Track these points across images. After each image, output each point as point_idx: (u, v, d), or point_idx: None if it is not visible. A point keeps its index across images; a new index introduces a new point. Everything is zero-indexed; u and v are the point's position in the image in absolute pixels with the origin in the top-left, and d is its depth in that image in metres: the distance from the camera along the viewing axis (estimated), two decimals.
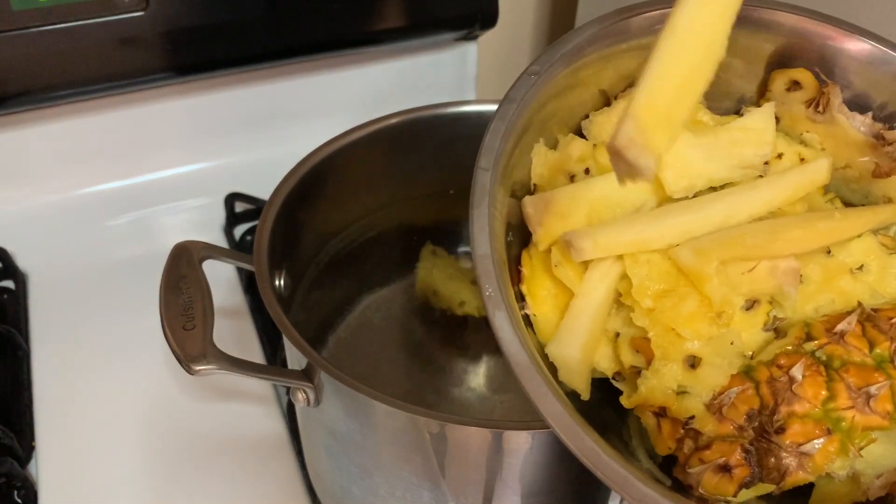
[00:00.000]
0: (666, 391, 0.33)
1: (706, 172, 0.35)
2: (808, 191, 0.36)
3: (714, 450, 0.31)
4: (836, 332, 0.32)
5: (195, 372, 0.41)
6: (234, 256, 0.52)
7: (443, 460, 0.42)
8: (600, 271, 0.34)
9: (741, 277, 0.33)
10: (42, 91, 0.71)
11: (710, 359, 0.33)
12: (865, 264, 0.35)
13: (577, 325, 0.34)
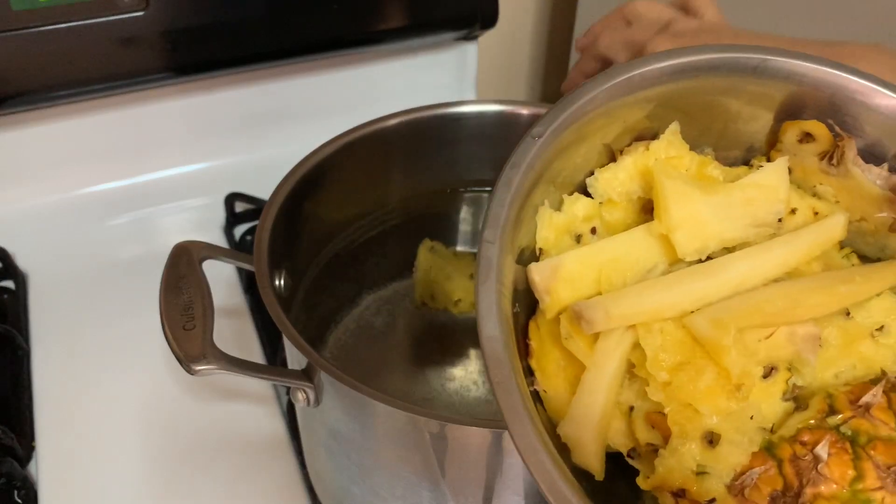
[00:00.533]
0: (685, 472, 0.31)
1: (718, 233, 0.34)
2: (824, 248, 0.35)
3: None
4: (860, 404, 0.31)
5: (195, 372, 0.41)
6: (234, 256, 0.52)
7: (443, 460, 0.42)
8: (612, 342, 0.32)
9: (758, 345, 0.32)
10: (42, 91, 0.71)
11: (729, 435, 0.31)
12: (886, 325, 0.33)
13: (589, 402, 0.32)
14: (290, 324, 0.44)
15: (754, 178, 0.35)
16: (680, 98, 0.36)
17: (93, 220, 0.78)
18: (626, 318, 0.32)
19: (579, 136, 0.35)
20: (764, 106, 0.37)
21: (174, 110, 0.79)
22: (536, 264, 0.34)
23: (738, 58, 0.35)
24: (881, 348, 0.33)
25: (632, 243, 0.34)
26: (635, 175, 0.36)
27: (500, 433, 0.40)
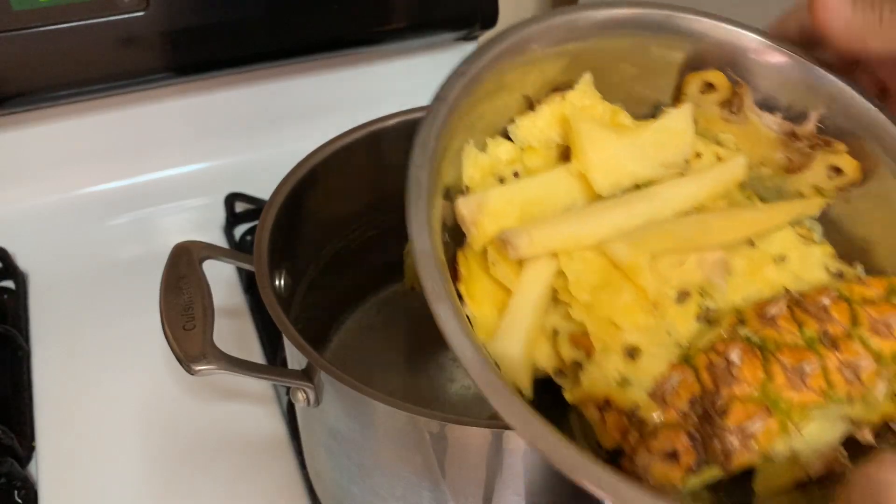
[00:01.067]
0: (608, 383, 0.33)
1: (631, 172, 0.37)
2: (728, 185, 0.38)
3: (660, 438, 0.31)
4: (767, 316, 0.33)
5: (195, 372, 0.41)
6: (235, 256, 0.52)
7: (443, 460, 0.42)
8: (536, 269, 0.35)
9: (672, 271, 0.35)
10: (43, 91, 0.71)
11: (648, 348, 0.34)
12: (786, 255, 0.37)
13: (516, 322, 0.34)
14: (290, 324, 0.44)
15: (663, 123, 0.39)
16: (592, 54, 0.39)
17: (93, 219, 0.78)
18: (549, 245, 0.34)
19: (500, 85, 0.37)
20: (667, 65, 0.40)
21: (174, 110, 0.79)
22: (464, 198, 0.36)
23: (645, 14, 0.38)
24: (784, 272, 0.36)
25: (553, 182, 0.37)
26: (553, 123, 0.39)
27: (500, 433, 0.40)
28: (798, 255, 0.37)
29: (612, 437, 0.33)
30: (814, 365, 0.32)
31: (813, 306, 0.33)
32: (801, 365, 0.31)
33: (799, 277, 0.37)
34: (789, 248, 0.37)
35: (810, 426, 0.32)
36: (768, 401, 0.31)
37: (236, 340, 0.68)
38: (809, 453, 0.32)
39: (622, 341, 0.34)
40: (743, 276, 0.36)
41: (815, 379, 0.32)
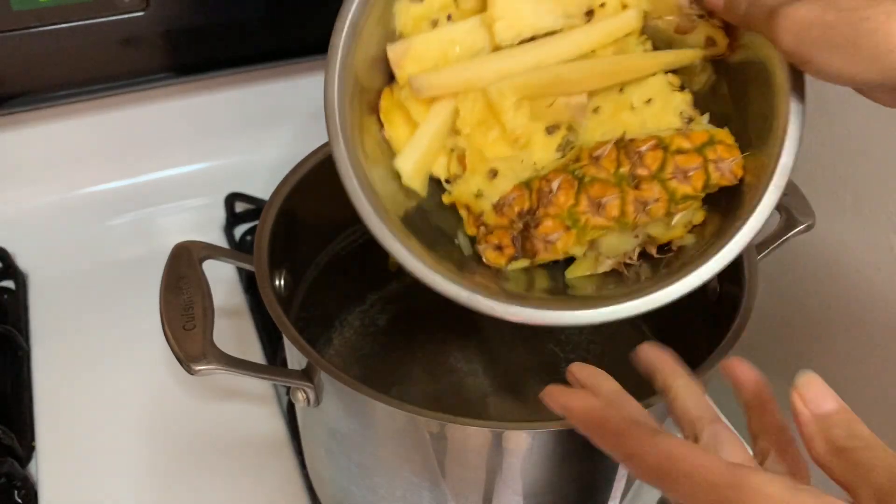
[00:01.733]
0: (470, 194, 0.45)
1: (533, 23, 0.43)
2: (617, 36, 0.43)
3: (494, 235, 0.44)
4: (595, 156, 0.42)
5: (195, 372, 0.41)
6: (235, 256, 0.52)
7: (443, 460, 0.42)
8: (441, 105, 0.44)
9: (545, 109, 0.43)
10: (42, 91, 0.71)
11: (504, 172, 0.44)
12: (653, 98, 0.44)
13: (417, 142, 0.45)
14: (290, 324, 0.44)
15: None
16: None
17: (93, 220, 0.78)
18: (445, 87, 0.43)
19: None
20: None
21: (174, 110, 0.79)
22: (392, 44, 0.44)
23: None
24: (636, 117, 0.44)
25: (468, 30, 0.44)
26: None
27: (500, 433, 0.41)
28: (662, 100, 0.44)
29: (471, 229, 0.45)
30: (613, 197, 0.41)
31: (633, 151, 0.41)
32: (603, 197, 0.41)
33: (656, 118, 0.44)
34: (657, 94, 0.44)
35: (607, 239, 0.43)
36: (570, 220, 0.42)
37: (236, 340, 0.68)
38: (608, 255, 0.44)
39: (487, 165, 0.44)
40: (606, 115, 0.44)
41: (611, 209, 0.41)
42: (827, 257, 0.69)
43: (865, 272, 0.66)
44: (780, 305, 0.75)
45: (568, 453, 0.43)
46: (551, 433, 0.41)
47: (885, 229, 0.63)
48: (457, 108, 0.44)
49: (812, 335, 0.73)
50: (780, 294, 0.75)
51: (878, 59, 0.32)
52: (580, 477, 0.45)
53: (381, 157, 0.45)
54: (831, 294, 0.70)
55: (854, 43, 0.32)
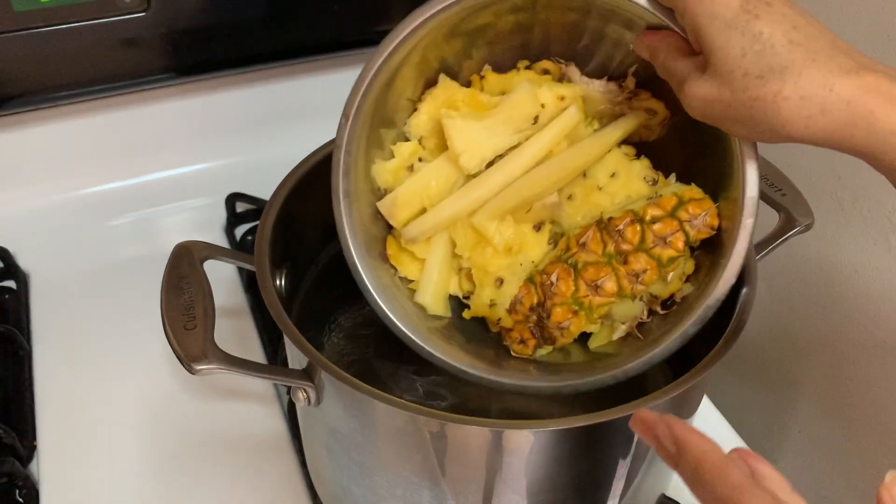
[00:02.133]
0: (484, 306, 0.50)
1: (492, 146, 0.49)
2: (565, 132, 0.49)
3: (515, 331, 0.49)
4: (581, 242, 0.47)
5: (196, 371, 0.41)
6: (235, 256, 0.52)
7: (443, 459, 0.42)
8: (438, 239, 0.50)
9: (526, 215, 0.49)
10: (44, 92, 0.71)
11: (508, 278, 0.49)
12: (616, 172, 0.49)
13: (428, 276, 0.50)
14: (291, 323, 0.44)
15: (510, 100, 0.49)
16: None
17: (94, 220, 0.78)
18: (433, 229, 0.49)
19: (386, 105, 0.49)
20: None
21: (175, 111, 0.79)
22: (381, 201, 0.50)
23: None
24: (605, 196, 0.49)
25: (439, 169, 0.50)
26: (431, 118, 0.50)
27: (499, 432, 0.41)
28: (624, 171, 0.49)
29: (494, 328, 0.51)
30: (607, 277, 0.46)
31: (614, 230, 0.46)
32: (598, 279, 0.46)
33: (625, 187, 0.49)
34: (618, 167, 0.49)
35: (616, 308, 0.47)
36: (576, 305, 0.47)
37: (237, 340, 0.68)
38: (621, 321, 0.48)
39: (493, 276, 0.49)
40: (580, 200, 0.49)
41: (608, 287, 0.46)
42: (825, 257, 0.69)
43: (864, 272, 0.66)
44: (779, 304, 0.76)
45: (568, 452, 0.43)
46: (551, 433, 0.41)
47: (883, 229, 0.63)
48: (452, 238, 0.50)
49: (810, 334, 0.73)
50: (778, 293, 0.75)
51: (776, 131, 0.35)
52: (580, 476, 0.45)
53: (404, 291, 0.51)
54: (830, 293, 0.70)
55: (751, 118, 0.35)
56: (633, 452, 0.44)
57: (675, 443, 0.32)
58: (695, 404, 0.50)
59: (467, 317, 0.51)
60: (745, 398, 0.82)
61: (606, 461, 0.45)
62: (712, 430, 0.65)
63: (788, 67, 0.33)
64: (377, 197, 0.51)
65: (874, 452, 0.69)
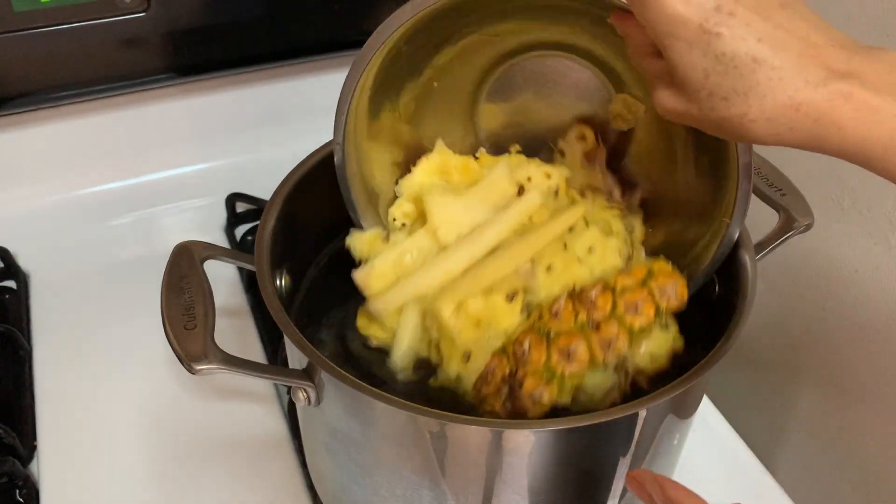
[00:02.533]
0: (450, 380, 0.50)
1: (469, 221, 0.51)
2: (525, 218, 0.52)
3: (486, 402, 0.47)
4: (554, 311, 0.47)
5: (196, 371, 0.41)
6: (235, 256, 0.52)
7: (443, 459, 0.43)
8: (408, 310, 0.50)
9: (501, 283, 0.49)
10: (44, 92, 0.71)
11: (476, 352, 0.49)
12: (593, 247, 0.51)
13: (399, 345, 0.51)
14: (291, 323, 0.44)
15: (489, 180, 0.53)
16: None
17: (94, 220, 0.78)
18: (397, 304, 0.50)
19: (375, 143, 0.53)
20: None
21: (175, 111, 0.79)
22: (357, 270, 0.51)
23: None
24: (584, 268, 0.51)
25: (415, 240, 0.51)
26: (421, 183, 0.54)
27: (499, 432, 0.41)
28: (601, 246, 0.51)
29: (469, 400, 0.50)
30: (579, 344, 0.45)
31: (586, 299, 0.46)
32: (570, 346, 0.45)
33: (602, 261, 0.51)
34: (595, 243, 0.52)
35: (589, 379, 0.46)
36: (548, 374, 0.45)
37: (237, 340, 0.68)
38: (595, 393, 0.47)
39: (460, 351, 0.49)
40: (560, 272, 0.50)
41: (581, 354, 0.45)
42: (825, 257, 0.69)
43: (864, 272, 0.66)
44: (779, 305, 0.76)
45: (567, 452, 0.43)
46: (551, 432, 0.41)
47: (883, 229, 0.63)
48: (421, 311, 0.51)
49: (810, 334, 0.73)
50: (778, 294, 0.75)
51: (749, 141, 0.35)
52: (579, 475, 0.45)
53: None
54: (829, 294, 0.70)
55: (722, 131, 0.35)
56: (633, 452, 0.45)
57: (666, 502, 0.33)
58: (695, 404, 0.50)
59: (433, 385, 0.51)
60: (745, 398, 0.82)
61: (606, 461, 0.45)
62: (712, 430, 0.65)
63: (753, 89, 0.32)
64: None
65: (874, 452, 0.69)
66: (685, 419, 0.49)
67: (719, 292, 0.51)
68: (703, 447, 0.62)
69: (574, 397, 0.46)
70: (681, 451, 0.52)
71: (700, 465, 0.61)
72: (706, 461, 0.62)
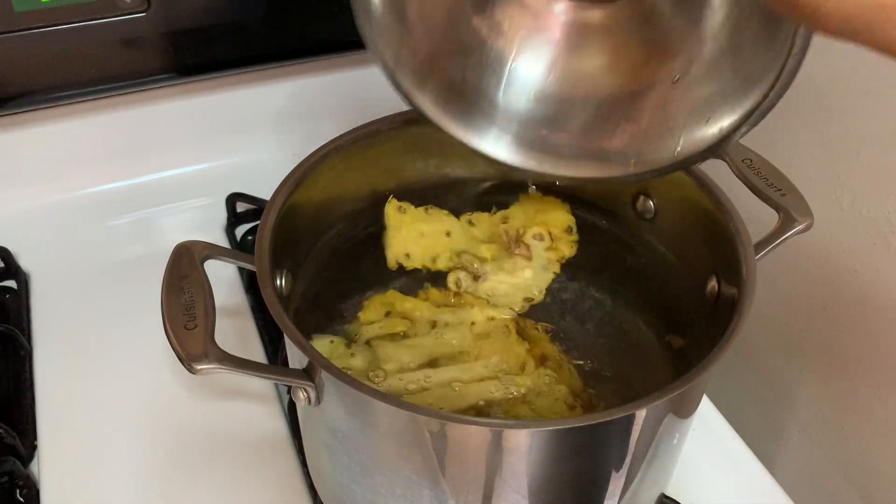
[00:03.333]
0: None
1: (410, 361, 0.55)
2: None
3: None
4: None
5: (196, 371, 0.41)
6: (236, 256, 0.52)
7: (443, 459, 0.43)
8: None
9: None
10: (44, 92, 0.71)
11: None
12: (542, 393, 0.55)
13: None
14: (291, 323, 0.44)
15: (437, 336, 0.57)
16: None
17: (95, 220, 0.78)
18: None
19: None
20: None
21: (176, 111, 0.79)
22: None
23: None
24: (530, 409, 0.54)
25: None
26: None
27: (500, 432, 0.41)
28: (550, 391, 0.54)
29: None
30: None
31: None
32: None
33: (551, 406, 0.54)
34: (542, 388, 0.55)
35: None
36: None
37: (238, 340, 0.68)
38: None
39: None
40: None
41: None
42: (825, 257, 0.69)
43: (863, 272, 0.66)
44: (779, 304, 0.76)
45: (568, 452, 0.43)
46: (551, 432, 0.41)
47: (882, 229, 0.63)
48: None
49: (810, 334, 0.73)
50: (778, 293, 0.75)
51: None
52: (580, 475, 0.45)
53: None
54: (829, 294, 0.70)
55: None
56: (633, 452, 0.45)
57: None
58: (695, 404, 0.50)
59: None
60: (745, 398, 0.82)
61: (606, 461, 0.45)
62: (712, 430, 0.65)
63: None
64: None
65: (874, 452, 0.69)
66: (685, 419, 0.49)
67: (719, 292, 0.51)
68: (703, 447, 0.62)
69: None
70: (681, 450, 0.52)
71: (700, 465, 0.61)
72: (706, 461, 0.62)
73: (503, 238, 0.61)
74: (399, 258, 0.61)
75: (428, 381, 0.54)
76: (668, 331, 0.57)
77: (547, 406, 0.54)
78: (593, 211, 0.62)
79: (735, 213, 0.50)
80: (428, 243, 0.62)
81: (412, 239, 0.61)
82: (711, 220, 0.52)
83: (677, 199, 0.55)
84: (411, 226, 0.61)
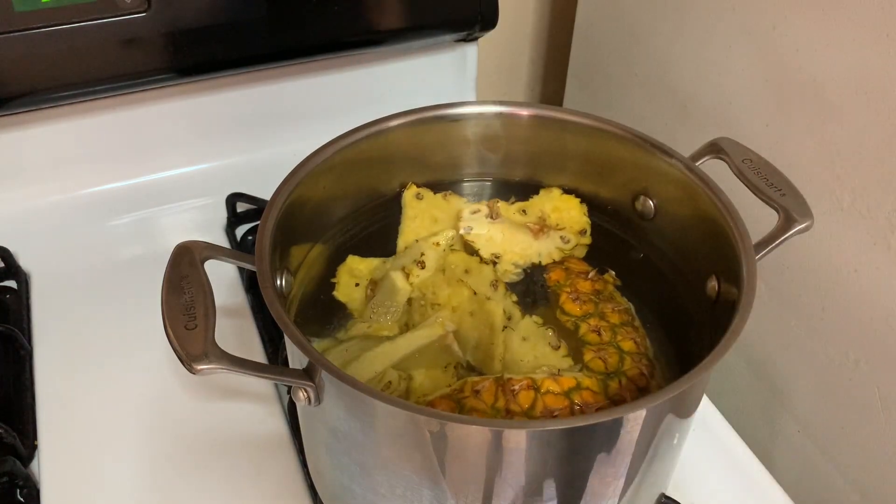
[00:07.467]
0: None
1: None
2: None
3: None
4: (476, 389, 0.48)
5: (197, 371, 0.41)
6: (236, 256, 0.52)
7: (443, 459, 0.43)
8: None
9: (436, 358, 0.53)
10: (45, 92, 0.71)
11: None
12: (527, 336, 0.54)
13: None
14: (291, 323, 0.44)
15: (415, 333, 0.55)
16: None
17: (95, 220, 0.78)
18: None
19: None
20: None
21: (176, 111, 0.79)
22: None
23: None
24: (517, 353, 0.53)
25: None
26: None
27: (500, 432, 0.41)
28: (534, 335, 0.54)
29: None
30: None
31: (509, 389, 0.48)
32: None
33: (534, 350, 0.53)
34: (528, 332, 0.55)
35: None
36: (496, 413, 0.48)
37: (238, 340, 0.68)
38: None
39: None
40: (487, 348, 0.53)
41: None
42: (825, 257, 0.69)
43: (864, 272, 0.66)
44: (779, 304, 0.76)
45: (567, 452, 0.43)
46: (551, 432, 0.41)
47: (882, 229, 0.63)
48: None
49: (810, 334, 0.73)
50: (778, 293, 0.75)
51: None
52: (579, 475, 0.45)
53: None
54: (829, 293, 0.70)
55: None
56: (633, 452, 0.45)
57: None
58: (695, 404, 0.50)
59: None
60: (745, 398, 0.82)
61: (606, 461, 0.45)
62: (712, 430, 0.65)
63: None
64: None
65: (874, 452, 0.69)
66: (685, 419, 0.49)
67: (719, 292, 0.51)
68: (703, 447, 0.62)
69: None
70: (681, 450, 0.52)
71: (700, 465, 0.61)
72: (706, 461, 0.62)
73: (519, 217, 0.61)
74: (408, 245, 0.61)
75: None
76: (668, 330, 0.57)
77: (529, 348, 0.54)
78: (593, 211, 0.62)
79: (735, 213, 0.50)
80: (440, 229, 0.61)
81: (425, 226, 0.61)
82: (711, 221, 0.52)
83: (677, 200, 0.55)
84: (426, 213, 0.61)
